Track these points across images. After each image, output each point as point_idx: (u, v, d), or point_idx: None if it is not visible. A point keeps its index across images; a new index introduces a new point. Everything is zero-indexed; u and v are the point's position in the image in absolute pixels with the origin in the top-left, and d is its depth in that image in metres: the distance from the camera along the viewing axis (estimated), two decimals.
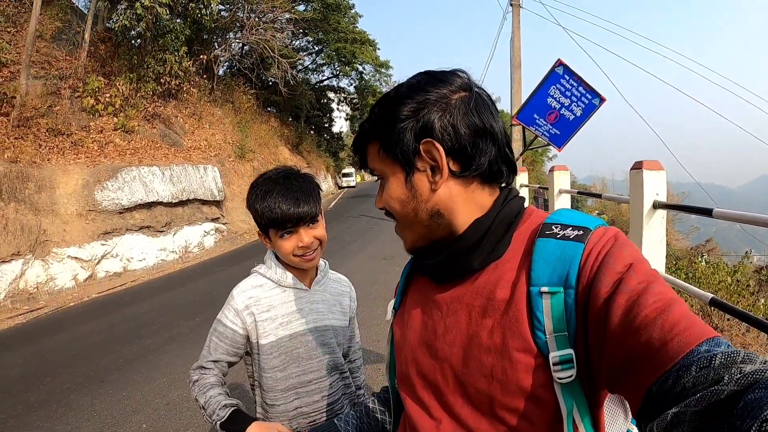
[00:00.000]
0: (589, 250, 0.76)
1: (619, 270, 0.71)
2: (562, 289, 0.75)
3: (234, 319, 1.64)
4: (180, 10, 15.58)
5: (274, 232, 1.59)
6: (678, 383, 0.58)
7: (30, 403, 4.62)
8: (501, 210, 0.88)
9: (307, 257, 1.61)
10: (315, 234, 1.60)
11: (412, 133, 0.85)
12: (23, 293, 8.37)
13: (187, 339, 6.14)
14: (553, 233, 0.81)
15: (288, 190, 1.56)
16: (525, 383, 0.76)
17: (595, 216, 0.87)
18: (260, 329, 1.62)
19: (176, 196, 12.72)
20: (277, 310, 1.65)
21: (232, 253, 13.13)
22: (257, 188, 1.60)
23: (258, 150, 21.11)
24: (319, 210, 1.61)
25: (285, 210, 1.53)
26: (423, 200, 0.88)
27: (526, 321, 0.78)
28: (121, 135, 12.92)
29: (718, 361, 0.56)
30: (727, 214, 2.70)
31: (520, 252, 0.85)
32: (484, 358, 0.80)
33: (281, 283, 1.68)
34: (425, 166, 0.87)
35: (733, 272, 7.05)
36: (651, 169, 3.36)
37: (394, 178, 0.90)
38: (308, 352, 1.65)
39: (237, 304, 1.65)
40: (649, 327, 0.63)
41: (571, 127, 7.08)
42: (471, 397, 0.83)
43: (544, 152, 32.01)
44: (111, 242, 10.49)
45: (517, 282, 0.81)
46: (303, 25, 27.50)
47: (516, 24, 13.06)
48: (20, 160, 9.58)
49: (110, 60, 14.51)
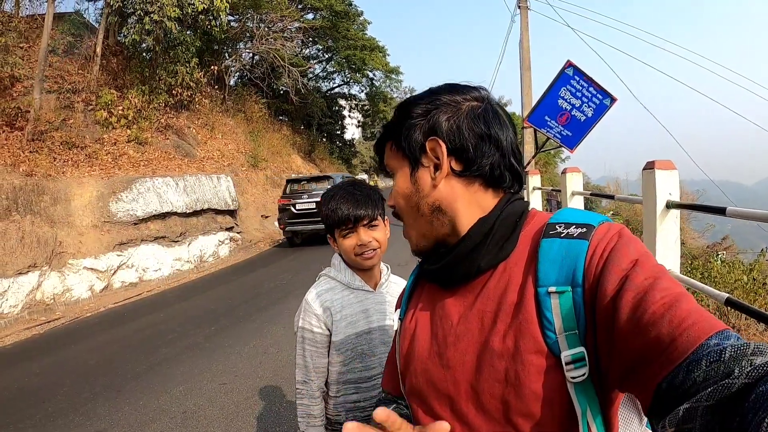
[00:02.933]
0: (594, 247, 0.76)
1: (625, 266, 0.71)
2: (570, 287, 0.76)
3: (318, 324, 1.79)
4: (190, 22, 15.72)
5: (338, 231, 1.77)
6: (688, 378, 0.57)
7: (48, 413, 4.66)
8: (504, 209, 0.89)
9: (365, 255, 1.77)
10: (374, 235, 1.77)
11: (421, 131, 0.90)
12: (40, 304, 8.44)
13: (204, 348, 6.16)
14: (557, 232, 0.81)
15: (350, 194, 1.75)
16: (538, 386, 0.76)
17: (608, 215, 0.86)
18: (334, 328, 1.79)
19: (190, 207, 12.77)
20: (347, 310, 1.81)
21: (247, 262, 13.15)
22: (326, 194, 1.81)
23: (271, 159, 21.21)
24: (379, 215, 1.79)
25: (345, 211, 1.72)
26: (424, 195, 0.92)
27: (536, 322, 0.77)
28: (134, 147, 13.06)
29: (728, 354, 0.55)
30: (741, 212, 2.65)
31: (525, 254, 0.85)
32: (498, 363, 0.80)
33: (350, 285, 1.84)
34: (430, 162, 0.91)
35: (749, 270, 6.97)
36: (663, 168, 3.31)
37: (401, 173, 0.95)
38: (371, 350, 1.82)
39: (316, 309, 1.80)
40: (658, 323, 0.63)
41: (583, 128, 7.05)
42: (485, 404, 0.82)
43: (557, 154, 31.83)
44: (126, 253, 10.55)
45: (525, 284, 0.81)
46: (312, 34, 27.66)
47: (524, 26, 13.05)
48: (35, 173, 9.69)
49: (122, 73, 14.70)
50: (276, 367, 5.36)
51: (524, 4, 13.16)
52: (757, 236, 17.56)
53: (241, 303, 8.38)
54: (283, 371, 5.22)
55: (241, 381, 5.07)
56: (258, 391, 4.82)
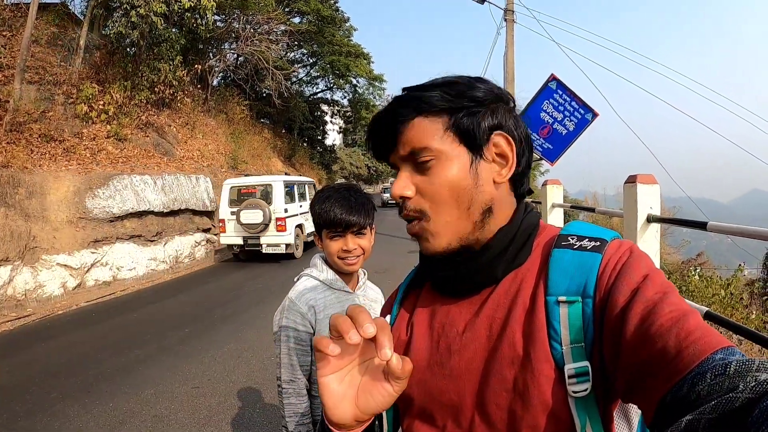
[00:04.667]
0: (607, 261, 0.77)
1: (637, 280, 0.72)
2: (580, 298, 0.76)
3: (303, 321, 1.82)
4: (176, 20, 15.58)
5: (326, 232, 1.80)
6: (693, 391, 0.57)
7: (15, 412, 4.57)
8: (524, 219, 0.89)
9: (348, 261, 1.81)
10: (360, 243, 1.81)
11: (486, 121, 0.84)
12: (11, 300, 8.27)
13: (177, 350, 6.10)
14: (570, 244, 0.82)
15: (345, 199, 1.78)
16: (546, 396, 0.75)
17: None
18: (318, 327, 1.82)
19: (168, 206, 12.62)
20: (330, 309, 1.84)
21: (223, 264, 13.08)
22: (321, 194, 1.83)
23: (251, 161, 21.06)
24: (369, 224, 1.83)
25: (338, 214, 1.74)
26: (483, 191, 0.85)
27: (545, 331, 0.77)
28: (113, 143, 12.87)
29: (733, 369, 0.55)
30: (722, 227, 2.70)
31: (537, 263, 0.85)
32: (507, 371, 0.79)
33: (332, 286, 1.88)
34: (491, 157, 0.86)
35: (726, 285, 7.09)
36: (645, 182, 3.37)
37: (456, 161, 0.85)
38: None
39: (301, 307, 1.82)
40: (665, 335, 0.63)
41: (564, 142, 7.11)
42: (490, 415, 0.81)
43: (536, 167, 31.97)
44: (101, 250, 10.39)
45: (535, 292, 0.81)
46: (298, 38, 27.51)
47: (510, 39, 13.12)
48: (12, 165, 9.51)
49: (105, 67, 14.48)
50: (250, 371, 5.32)
51: (510, 17, 13.22)
52: (733, 253, 17.78)
53: (216, 306, 8.31)
54: (256, 375, 5.19)
55: (214, 385, 5.03)
56: (231, 395, 4.78)
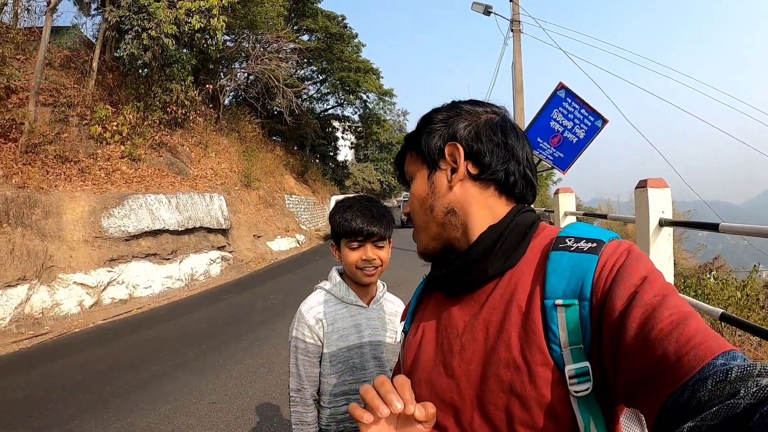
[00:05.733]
0: (604, 263, 0.76)
1: (634, 283, 0.71)
2: (577, 301, 0.75)
3: (310, 334, 1.84)
4: (186, 41, 15.79)
5: (346, 242, 1.80)
6: (694, 397, 0.57)
7: (33, 428, 4.57)
8: (514, 218, 0.90)
9: (367, 272, 1.81)
10: (379, 254, 1.81)
11: (440, 136, 0.95)
12: (28, 318, 8.32)
13: (193, 367, 6.10)
14: (567, 246, 0.82)
15: (366, 209, 1.79)
16: (544, 398, 0.76)
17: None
18: (326, 340, 1.84)
19: (182, 224, 12.69)
20: (339, 323, 1.86)
21: (238, 282, 13.07)
22: (341, 204, 1.85)
23: (264, 179, 21.19)
24: (388, 236, 1.83)
25: (359, 224, 1.75)
26: (439, 196, 0.94)
27: (543, 334, 0.77)
28: (127, 163, 13.00)
29: (734, 374, 0.55)
30: (734, 227, 2.67)
31: (534, 265, 0.85)
32: (503, 373, 0.80)
33: (344, 300, 1.89)
34: (447, 166, 0.94)
35: (742, 287, 6.99)
36: (656, 186, 3.35)
37: (419, 176, 0.99)
38: (362, 364, 1.86)
39: (309, 320, 1.84)
40: (665, 340, 0.63)
41: (575, 150, 7.10)
42: (489, 414, 0.81)
43: (549, 176, 31.93)
44: (117, 269, 10.46)
45: (532, 295, 0.81)
46: (307, 55, 27.76)
47: (517, 49, 13.15)
48: (28, 186, 9.62)
49: (117, 89, 14.68)
50: (266, 387, 5.30)
51: (517, 27, 13.27)
52: (749, 255, 17.54)
53: (232, 322, 8.32)
54: (273, 391, 5.17)
55: (231, 400, 5.02)
56: (248, 410, 4.77)
